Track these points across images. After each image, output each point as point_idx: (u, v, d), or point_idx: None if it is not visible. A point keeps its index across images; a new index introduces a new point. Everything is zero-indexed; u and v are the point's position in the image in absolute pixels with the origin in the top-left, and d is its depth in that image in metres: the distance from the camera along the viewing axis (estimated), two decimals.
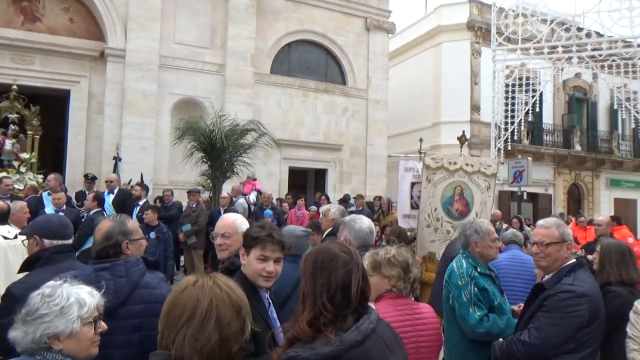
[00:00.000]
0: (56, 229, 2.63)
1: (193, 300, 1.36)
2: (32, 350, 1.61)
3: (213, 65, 13.55)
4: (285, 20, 14.80)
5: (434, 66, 18.81)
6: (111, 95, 12.31)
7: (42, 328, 1.59)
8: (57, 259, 2.54)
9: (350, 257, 1.70)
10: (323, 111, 15.23)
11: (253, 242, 2.18)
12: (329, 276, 1.65)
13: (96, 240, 2.31)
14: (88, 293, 1.69)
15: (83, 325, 1.63)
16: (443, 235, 5.51)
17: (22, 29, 11.99)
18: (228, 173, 10.34)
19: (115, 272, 2.17)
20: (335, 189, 14.85)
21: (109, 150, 11.76)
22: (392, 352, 1.70)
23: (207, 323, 1.34)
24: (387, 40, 16.63)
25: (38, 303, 1.62)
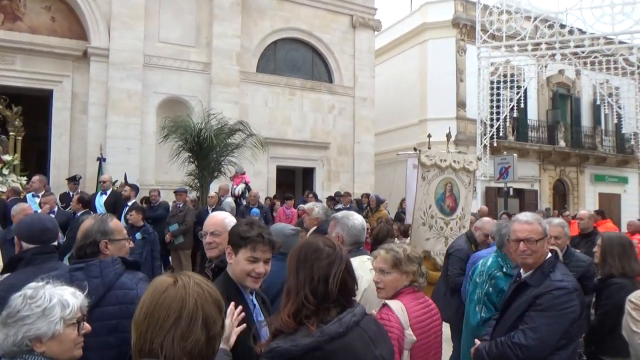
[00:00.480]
0: (35, 234, 2.61)
1: (178, 300, 1.31)
2: (14, 353, 1.57)
3: (198, 64, 13.44)
4: (271, 18, 14.74)
5: (419, 63, 18.89)
6: (95, 94, 12.14)
7: (23, 330, 1.55)
8: (40, 259, 2.52)
9: (333, 250, 1.73)
10: (310, 109, 15.20)
11: (242, 242, 2.10)
12: (311, 268, 1.68)
13: (77, 239, 2.30)
14: (71, 294, 1.66)
15: (66, 326, 1.60)
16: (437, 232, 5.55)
17: (2, 29, 11.76)
18: (215, 173, 10.30)
19: (89, 272, 2.15)
20: (324, 187, 14.84)
21: (94, 151, 11.61)
22: (377, 346, 1.70)
23: (195, 323, 1.30)
24: (373, 37, 16.66)
25: (19, 305, 1.58)
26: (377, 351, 1.70)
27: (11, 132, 10.23)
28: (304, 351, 1.55)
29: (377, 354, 1.69)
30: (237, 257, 2.12)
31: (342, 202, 11.28)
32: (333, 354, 1.57)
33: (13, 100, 10.57)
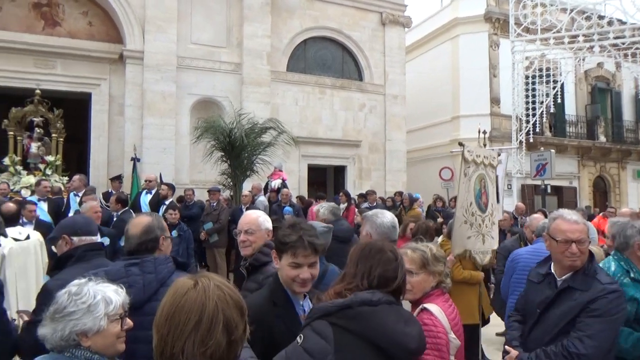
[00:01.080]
0: (81, 226, 2.68)
1: (198, 304, 1.28)
2: (61, 347, 1.64)
3: (230, 64, 13.60)
4: (300, 18, 14.78)
5: (451, 59, 18.58)
6: (131, 97, 12.45)
7: (70, 325, 1.62)
8: (88, 256, 2.59)
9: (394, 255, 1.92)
10: (340, 107, 15.18)
11: (283, 248, 2.07)
12: (370, 266, 1.86)
13: (133, 234, 2.33)
14: (114, 291, 1.73)
15: (110, 322, 1.67)
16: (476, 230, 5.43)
17: (43, 34, 12.19)
18: (248, 171, 10.41)
19: (144, 268, 2.20)
20: (355, 186, 14.79)
21: (130, 152, 11.90)
22: (407, 324, 1.81)
23: (216, 327, 1.27)
24: (403, 34, 16.49)
25: (66, 301, 1.65)
26: (407, 328, 1.79)
27: (53, 134, 10.59)
28: (338, 308, 1.75)
29: (407, 330, 1.78)
30: (281, 263, 2.08)
31: (369, 200, 11.23)
32: (363, 314, 1.73)
33: (54, 104, 10.92)
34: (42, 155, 10.06)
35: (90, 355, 1.65)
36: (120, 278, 2.15)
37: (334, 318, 1.73)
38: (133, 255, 2.27)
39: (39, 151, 10.04)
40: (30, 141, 10.12)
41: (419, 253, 2.37)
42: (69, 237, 2.62)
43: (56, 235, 2.70)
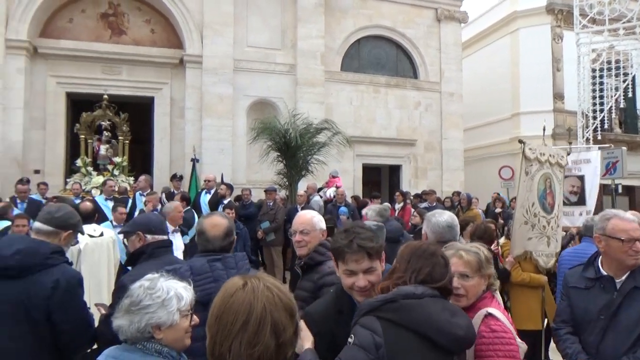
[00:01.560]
0: (156, 225, 2.79)
1: (245, 305, 1.27)
2: (135, 339, 1.70)
3: (284, 65, 13.78)
4: (354, 17, 14.74)
5: (511, 54, 17.89)
6: (191, 99, 12.89)
7: (146, 318, 1.69)
8: (159, 253, 2.69)
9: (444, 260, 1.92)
10: (395, 106, 15.00)
11: (335, 254, 1.98)
12: (421, 266, 1.86)
13: (216, 236, 2.39)
14: (183, 288, 1.79)
15: (181, 317, 1.73)
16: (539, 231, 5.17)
17: (110, 42, 12.87)
18: (303, 171, 10.50)
19: (227, 264, 2.29)
20: (411, 185, 14.57)
21: (191, 153, 12.32)
22: (453, 316, 1.79)
23: (263, 329, 1.26)
24: (459, 30, 16.06)
25: (141, 294, 1.72)
26: (453, 320, 1.77)
27: (120, 136, 11.17)
28: (382, 302, 1.77)
29: (453, 320, 1.77)
30: (340, 271, 2.00)
31: (428, 200, 11.01)
32: (408, 307, 1.74)
33: (120, 108, 11.53)
34: (110, 157, 10.64)
35: (161, 348, 1.71)
36: (205, 272, 2.25)
37: (379, 312, 1.75)
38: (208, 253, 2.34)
39: (108, 153, 10.63)
40: (99, 144, 10.73)
41: (474, 256, 2.23)
42: (143, 234, 2.74)
43: (130, 231, 2.82)
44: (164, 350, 1.71)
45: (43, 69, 12.29)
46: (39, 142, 12.04)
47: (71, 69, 12.45)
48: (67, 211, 2.63)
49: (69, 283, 2.36)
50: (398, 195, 10.85)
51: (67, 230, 2.57)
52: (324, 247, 2.66)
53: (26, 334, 2.25)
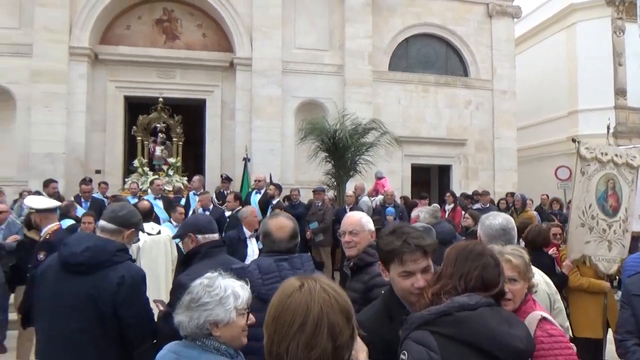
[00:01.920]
0: (204, 225, 2.86)
1: (302, 306, 1.27)
2: (195, 335, 1.76)
3: (332, 66, 13.81)
4: (402, 16, 14.58)
5: (567, 49, 17.14)
6: (241, 101, 13.16)
7: (205, 315, 1.74)
8: (213, 252, 2.76)
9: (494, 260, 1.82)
10: (445, 105, 14.71)
11: (389, 257, 1.93)
12: (469, 268, 1.77)
13: (282, 238, 2.43)
14: (240, 287, 1.83)
15: (237, 315, 1.78)
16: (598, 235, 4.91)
17: (164, 47, 13.35)
18: (351, 172, 10.49)
19: (293, 264, 2.33)
20: (461, 186, 14.23)
21: (241, 153, 12.58)
22: (512, 327, 1.71)
23: (320, 331, 1.25)
24: (512, 25, 15.54)
25: (201, 292, 1.77)
26: (512, 330, 1.69)
27: (174, 138, 11.58)
28: (436, 315, 1.67)
29: (512, 331, 1.69)
30: (390, 275, 1.96)
31: (481, 201, 10.72)
32: (464, 320, 1.65)
33: (174, 110, 11.94)
34: (165, 158, 11.06)
35: (219, 345, 1.76)
36: (272, 272, 2.29)
37: (433, 326, 1.66)
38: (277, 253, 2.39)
39: (162, 154, 11.05)
40: (154, 145, 11.18)
41: (521, 259, 2.20)
42: (194, 235, 2.81)
43: (182, 233, 2.91)
44: (222, 347, 1.76)
45: (103, 74, 12.93)
46: (99, 144, 12.67)
47: (129, 74, 13.02)
48: (130, 210, 2.75)
49: (133, 279, 2.47)
50: (448, 196, 10.63)
51: (129, 228, 2.68)
52: (374, 248, 2.62)
53: (94, 327, 2.37)
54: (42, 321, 2.51)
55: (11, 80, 11.87)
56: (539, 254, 4.38)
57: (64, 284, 2.42)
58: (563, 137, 16.15)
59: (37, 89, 11.79)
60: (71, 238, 2.66)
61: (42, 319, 2.50)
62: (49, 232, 4.47)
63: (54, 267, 2.51)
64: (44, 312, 2.48)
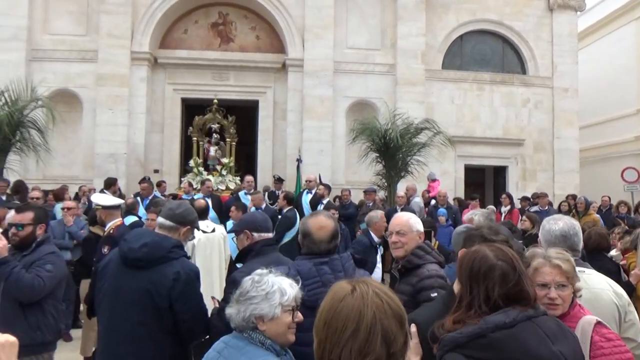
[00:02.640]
0: (261, 224, 2.89)
1: (355, 311, 1.24)
2: (242, 328, 1.83)
3: (384, 65, 13.69)
4: (456, 12, 14.23)
5: (636, 43, 16.09)
6: (292, 102, 13.31)
7: (250, 308, 1.81)
8: (266, 251, 2.78)
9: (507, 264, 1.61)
10: (501, 104, 14.22)
11: None
12: (486, 289, 1.60)
13: (322, 238, 2.38)
14: (289, 284, 1.87)
15: (283, 311, 1.81)
16: None
17: (219, 50, 13.74)
18: (402, 172, 10.36)
19: (334, 267, 2.29)
20: (518, 187, 13.71)
21: (292, 154, 12.73)
22: (554, 342, 1.57)
23: (374, 338, 1.22)
24: (575, 19, 14.80)
25: (249, 287, 1.85)
26: (555, 347, 1.55)
27: (227, 138, 11.87)
28: (468, 338, 1.55)
29: (555, 349, 1.55)
30: None
31: (540, 204, 10.27)
32: (499, 343, 1.52)
33: (228, 111, 12.25)
34: (218, 158, 11.36)
35: (264, 339, 1.80)
36: (313, 277, 2.26)
37: (466, 350, 1.55)
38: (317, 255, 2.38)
39: (217, 154, 11.36)
40: (209, 145, 11.52)
41: (569, 264, 2.07)
42: (250, 233, 2.85)
43: (238, 229, 2.96)
44: (267, 342, 1.80)
45: (162, 77, 13.48)
46: (158, 144, 13.22)
47: (185, 76, 13.50)
48: (186, 208, 2.84)
49: (188, 276, 2.54)
50: (505, 198, 10.27)
51: (185, 226, 2.76)
52: (422, 250, 2.60)
53: (152, 321, 2.46)
54: (103, 313, 2.64)
55: (79, 85, 12.61)
56: (603, 260, 4.14)
57: (123, 278, 2.53)
58: (631, 136, 15.22)
59: (102, 93, 12.46)
60: (130, 234, 2.77)
61: (103, 311, 2.63)
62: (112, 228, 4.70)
63: (115, 261, 2.63)
64: (105, 304, 2.60)
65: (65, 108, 12.17)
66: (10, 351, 0.99)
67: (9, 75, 10.62)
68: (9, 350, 0.99)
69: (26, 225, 3.25)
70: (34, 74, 12.04)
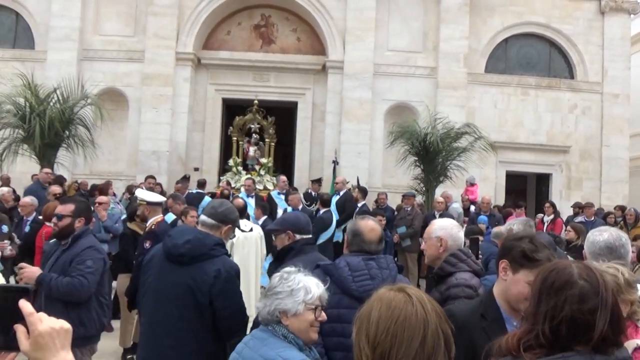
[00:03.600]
0: (304, 225, 2.91)
1: (420, 319, 1.22)
2: (267, 321, 1.91)
3: (425, 68, 13.52)
4: (501, 15, 13.89)
5: None
6: (331, 104, 13.33)
7: (275, 303, 1.89)
8: (306, 249, 2.81)
9: (591, 286, 1.31)
10: (546, 109, 13.78)
11: (527, 263, 1.87)
12: (555, 306, 1.32)
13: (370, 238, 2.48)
14: (315, 284, 1.93)
15: (306, 309, 1.88)
16: None
17: (260, 52, 13.91)
18: (441, 177, 10.20)
19: (380, 264, 2.39)
20: (562, 196, 13.23)
21: (329, 155, 12.73)
22: None
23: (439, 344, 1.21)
24: (628, 22, 14.18)
25: (276, 282, 1.93)
26: None
27: (266, 139, 12.02)
28: None
29: None
30: (515, 277, 1.89)
31: (585, 214, 9.87)
32: None
33: (268, 112, 12.40)
34: (257, 158, 11.51)
35: (287, 333, 1.88)
36: (361, 270, 2.35)
37: None
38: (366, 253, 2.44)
39: (255, 154, 11.52)
40: (248, 145, 11.70)
41: (610, 278, 1.83)
42: (292, 233, 2.85)
43: (280, 229, 2.95)
44: (290, 336, 1.87)
45: (204, 77, 13.77)
46: (198, 143, 13.50)
47: (227, 77, 13.75)
48: (228, 207, 2.88)
49: (228, 273, 2.59)
50: (548, 207, 9.93)
51: (227, 224, 2.80)
52: (456, 257, 2.57)
53: (193, 317, 2.52)
54: (146, 306, 2.71)
55: (125, 84, 13.04)
56: None
57: (167, 273, 2.60)
58: None
59: (147, 92, 12.85)
60: (174, 230, 2.84)
61: (147, 305, 2.70)
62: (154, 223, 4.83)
63: (159, 256, 2.70)
64: (149, 299, 2.68)
65: (112, 106, 12.60)
66: (65, 337, 1.01)
67: (62, 74, 11.11)
68: (64, 336, 1.01)
69: (65, 217, 3.37)
70: (84, 73, 12.52)
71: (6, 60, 12.87)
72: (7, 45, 13.35)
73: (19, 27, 13.48)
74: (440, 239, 2.61)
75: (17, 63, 12.51)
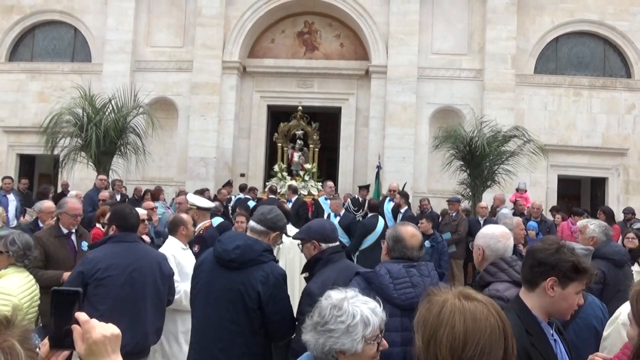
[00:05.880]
0: (330, 234, 2.86)
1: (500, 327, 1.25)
2: (321, 358, 1.71)
3: (470, 71, 13.25)
4: (551, 14, 13.43)
5: None
6: (375, 109, 13.29)
7: (330, 342, 1.67)
8: (335, 258, 2.77)
9: None
10: (600, 110, 13.18)
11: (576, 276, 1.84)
12: None
13: (413, 245, 2.46)
14: (371, 311, 1.70)
15: (366, 344, 1.67)
16: None
17: (304, 58, 14.08)
18: (489, 182, 9.96)
19: (421, 271, 2.36)
20: (619, 201, 12.59)
21: (373, 160, 12.69)
22: None
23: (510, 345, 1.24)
24: None
25: (327, 315, 1.70)
26: None
27: (310, 144, 12.13)
28: None
29: None
30: (564, 291, 1.86)
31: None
32: None
33: (312, 118, 12.51)
34: (302, 164, 11.64)
35: None
36: (403, 277, 2.34)
37: None
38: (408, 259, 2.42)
39: (300, 160, 11.65)
40: (293, 151, 11.86)
41: None
42: (318, 243, 2.80)
43: (307, 238, 2.87)
44: None
45: (250, 85, 14.07)
46: (244, 149, 13.80)
47: (272, 84, 14.00)
48: (277, 214, 2.94)
49: (276, 279, 2.65)
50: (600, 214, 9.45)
51: (275, 231, 2.86)
52: (496, 266, 2.46)
53: (242, 320, 2.59)
54: (197, 309, 2.81)
55: (175, 93, 13.53)
56: None
57: (217, 277, 2.68)
58: None
59: (196, 100, 13.27)
60: (225, 236, 2.93)
61: (197, 308, 2.80)
62: (202, 228, 4.98)
63: (209, 260, 2.79)
64: (199, 302, 2.77)
65: (163, 115, 13.10)
66: (115, 342, 1.10)
67: (116, 85, 11.66)
68: (114, 341, 1.09)
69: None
70: (136, 84, 13.09)
71: (66, 73, 13.70)
72: (66, 59, 14.18)
73: (77, 41, 14.28)
74: (479, 248, 2.57)
75: (75, 75, 13.28)
